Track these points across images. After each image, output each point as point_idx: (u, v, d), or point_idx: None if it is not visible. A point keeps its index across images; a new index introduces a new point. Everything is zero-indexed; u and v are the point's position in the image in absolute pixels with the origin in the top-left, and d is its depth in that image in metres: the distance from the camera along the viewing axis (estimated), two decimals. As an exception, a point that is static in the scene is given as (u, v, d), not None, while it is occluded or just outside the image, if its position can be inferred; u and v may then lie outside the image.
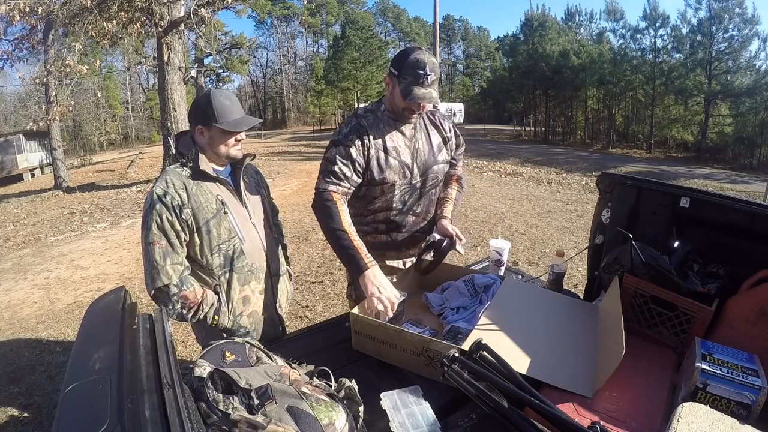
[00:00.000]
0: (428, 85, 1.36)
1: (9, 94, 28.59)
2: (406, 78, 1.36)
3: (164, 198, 1.24)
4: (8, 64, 10.61)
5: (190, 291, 1.28)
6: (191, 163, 1.31)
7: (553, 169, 11.72)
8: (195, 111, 1.33)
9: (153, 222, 1.23)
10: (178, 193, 1.26)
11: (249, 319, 1.41)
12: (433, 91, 1.37)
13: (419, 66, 1.35)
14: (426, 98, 1.36)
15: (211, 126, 1.29)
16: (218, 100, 1.29)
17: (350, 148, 1.43)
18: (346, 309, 2.51)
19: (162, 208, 1.24)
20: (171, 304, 1.26)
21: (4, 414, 2.43)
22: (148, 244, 1.24)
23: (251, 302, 1.41)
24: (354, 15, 37.38)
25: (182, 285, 1.26)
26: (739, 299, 1.10)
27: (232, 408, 0.75)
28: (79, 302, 3.98)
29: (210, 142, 1.32)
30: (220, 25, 25.59)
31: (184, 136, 1.40)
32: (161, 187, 1.26)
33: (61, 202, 9.77)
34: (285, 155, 15.96)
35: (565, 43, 22.67)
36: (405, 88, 1.36)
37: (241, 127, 1.32)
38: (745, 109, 16.02)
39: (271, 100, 46.60)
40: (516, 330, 1.13)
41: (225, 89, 1.39)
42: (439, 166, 1.58)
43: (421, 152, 1.53)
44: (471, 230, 5.69)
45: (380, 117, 1.49)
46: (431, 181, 1.57)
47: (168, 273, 1.24)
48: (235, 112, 1.32)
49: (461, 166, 1.75)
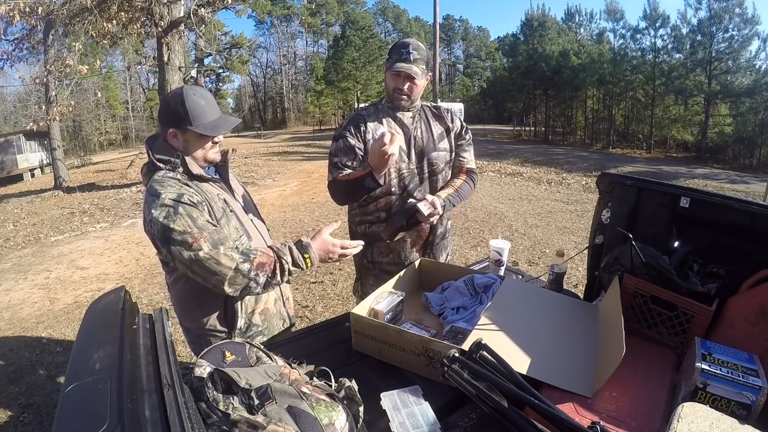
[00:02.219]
0: (411, 61, 1.49)
1: (9, 94, 28.63)
2: (392, 57, 1.53)
3: (182, 199, 1.11)
4: (8, 64, 10.62)
5: (260, 255, 1.14)
6: (181, 168, 1.19)
7: (553, 169, 11.72)
8: (165, 112, 1.19)
9: (184, 225, 1.09)
10: (191, 193, 1.15)
11: (261, 317, 1.36)
12: (414, 66, 1.49)
13: (403, 45, 1.52)
14: (405, 69, 1.48)
15: (186, 129, 1.17)
16: (192, 100, 1.17)
17: (347, 138, 1.57)
18: (346, 309, 2.51)
19: (187, 208, 1.10)
20: (255, 282, 1.13)
21: (4, 414, 2.43)
22: (190, 251, 1.08)
23: (262, 299, 1.36)
24: (354, 15, 37.41)
25: (249, 256, 1.13)
26: (739, 299, 1.10)
27: (232, 408, 0.75)
28: (79, 302, 3.98)
29: (185, 146, 1.20)
30: (220, 25, 25.61)
31: (157, 140, 1.25)
32: (171, 192, 1.12)
33: (61, 202, 9.77)
34: (285, 155, 15.96)
35: (565, 43, 22.69)
36: (390, 65, 1.52)
37: (219, 131, 1.21)
38: (745, 109, 16.03)
39: (271, 100, 46.62)
40: (516, 330, 1.13)
41: (198, 87, 1.27)
42: (440, 153, 1.63)
43: (419, 139, 1.61)
44: (471, 230, 5.69)
45: (380, 108, 1.63)
46: (430, 167, 1.62)
47: (228, 256, 1.10)
48: (210, 113, 1.20)
49: (471, 157, 1.73)
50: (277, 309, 1.43)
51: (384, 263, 1.70)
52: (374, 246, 1.69)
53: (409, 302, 1.38)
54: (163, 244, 1.12)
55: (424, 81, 1.56)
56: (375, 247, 1.69)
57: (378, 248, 1.69)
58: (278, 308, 1.44)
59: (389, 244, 1.66)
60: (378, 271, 1.71)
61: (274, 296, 1.42)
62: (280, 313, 1.45)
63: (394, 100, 1.58)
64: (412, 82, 1.53)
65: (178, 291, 1.32)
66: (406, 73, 1.49)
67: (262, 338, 1.37)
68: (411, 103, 1.59)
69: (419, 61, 1.50)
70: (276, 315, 1.43)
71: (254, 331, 1.35)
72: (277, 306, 1.43)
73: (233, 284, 1.12)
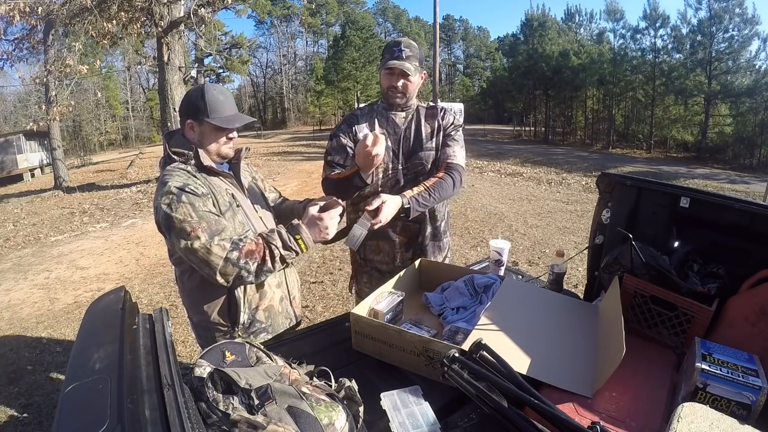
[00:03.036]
0: (403, 58, 1.50)
1: (9, 94, 28.63)
2: (385, 57, 1.54)
3: (186, 188, 1.14)
4: (8, 64, 10.62)
5: (249, 242, 1.16)
6: (193, 160, 1.24)
7: (553, 169, 11.72)
8: (186, 104, 1.25)
9: (185, 213, 1.12)
10: (198, 185, 1.18)
11: (265, 314, 1.35)
12: (407, 63, 1.50)
13: (395, 44, 1.54)
14: (398, 65, 1.49)
15: (203, 121, 1.23)
16: (211, 94, 1.23)
17: (340, 137, 1.60)
18: (346, 309, 2.51)
19: (190, 197, 1.13)
20: (246, 271, 1.14)
21: (4, 414, 2.43)
22: (187, 239, 1.11)
23: (267, 296, 1.36)
24: (354, 15, 37.43)
25: (238, 244, 1.14)
26: (739, 299, 1.10)
27: (232, 408, 0.75)
28: (79, 302, 3.98)
29: (200, 138, 1.26)
30: (220, 25, 25.61)
31: (175, 135, 1.32)
32: (177, 180, 1.15)
33: (61, 202, 9.77)
34: (285, 155, 15.96)
35: (565, 43, 22.69)
36: (384, 63, 1.54)
37: (234, 124, 1.25)
38: (745, 109, 16.03)
39: (271, 100, 46.60)
40: (516, 330, 1.13)
41: (219, 85, 1.31)
42: (426, 153, 1.63)
43: (408, 139, 1.62)
44: (471, 230, 5.69)
45: (375, 108, 1.65)
46: (417, 167, 1.62)
47: (220, 246, 1.12)
48: (228, 109, 1.25)
49: (455, 153, 1.60)
50: (283, 307, 1.43)
51: (375, 261, 1.73)
52: (366, 244, 1.69)
53: (409, 302, 1.38)
54: (165, 231, 1.17)
55: (418, 78, 1.57)
56: (367, 245, 1.71)
57: (370, 246, 1.71)
58: (284, 307, 1.44)
59: (379, 243, 1.69)
60: (370, 269, 1.75)
61: (281, 294, 1.42)
62: (287, 312, 1.46)
63: (389, 98, 1.59)
64: (405, 78, 1.54)
65: (185, 283, 1.34)
66: (400, 69, 1.50)
67: (266, 335, 1.37)
68: (406, 101, 1.60)
69: (411, 58, 1.52)
70: (282, 313, 1.43)
71: (258, 327, 1.35)
72: (283, 305, 1.43)
73: (224, 274, 1.14)
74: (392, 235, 1.68)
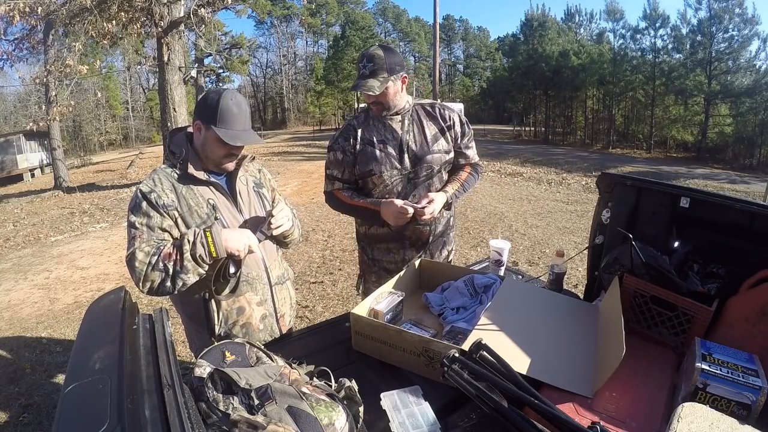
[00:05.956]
0: (367, 75, 1.46)
1: (9, 94, 28.59)
2: (358, 73, 1.51)
3: (149, 195, 1.16)
4: (8, 64, 10.59)
5: (168, 246, 1.14)
6: (180, 164, 1.23)
7: (553, 169, 11.71)
8: (201, 105, 1.23)
9: (138, 220, 1.15)
10: (166, 193, 1.18)
11: (242, 330, 1.32)
12: (371, 80, 1.46)
13: (360, 59, 1.50)
14: (360, 87, 1.46)
15: (209, 127, 1.20)
16: (227, 103, 1.19)
17: (337, 152, 1.62)
18: (346, 309, 2.51)
19: (147, 207, 1.15)
20: (165, 273, 1.12)
21: (4, 414, 2.43)
22: (130, 246, 1.13)
23: (245, 313, 1.32)
24: (354, 15, 37.42)
25: (159, 248, 1.13)
26: (739, 299, 1.10)
27: (232, 408, 0.75)
28: (79, 302, 3.98)
29: (203, 143, 1.24)
30: (220, 25, 25.57)
31: (178, 133, 1.31)
32: (148, 184, 1.18)
33: (61, 202, 9.77)
34: (285, 155, 15.95)
35: (565, 44, 22.66)
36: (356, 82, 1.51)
37: (236, 142, 1.19)
38: (745, 109, 16.00)
39: (271, 100, 46.60)
40: (516, 330, 1.13)
41: (240, 95, 1.26)
42: (435, 155, 1.61)
43: (412, 143, 1.60)
44: (471, 230, 5.69)
45: (371, 115, 1.63)
46: (425, 171, 1.61)
47: (143, 251, 1.12)
48: (239, 122, 1.21)
49: (474, 153, 1.75)
50: (265, 325, 1.38)
51: (384, 261, 1.72)
52: (375, 246, 1.71)
53: (409, 302, 1.38)
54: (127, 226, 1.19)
55: (392, 86, 1.50)
56: (375, 246, 1.71)
57: (378, 248, 1.71)
58: (267, 324, 1.38)
59: (388, 245, 1.69)
60: (378, 268, 1.74)
61: (263, 312, 1.36)
62: (270, 329, 1.40)
63: (373, 112, 1.61)
64: (376, 98, 1.50)
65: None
66: (364, 93, 1.49)
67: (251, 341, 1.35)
68: (390, 109, 1.57)
69: (377, 71, 1.45)
70: (263, 331, 1.37)
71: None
72: (266, 322, 1.38)
73: (148, 279, 1.12)
74: (403, 237, 1.67)
